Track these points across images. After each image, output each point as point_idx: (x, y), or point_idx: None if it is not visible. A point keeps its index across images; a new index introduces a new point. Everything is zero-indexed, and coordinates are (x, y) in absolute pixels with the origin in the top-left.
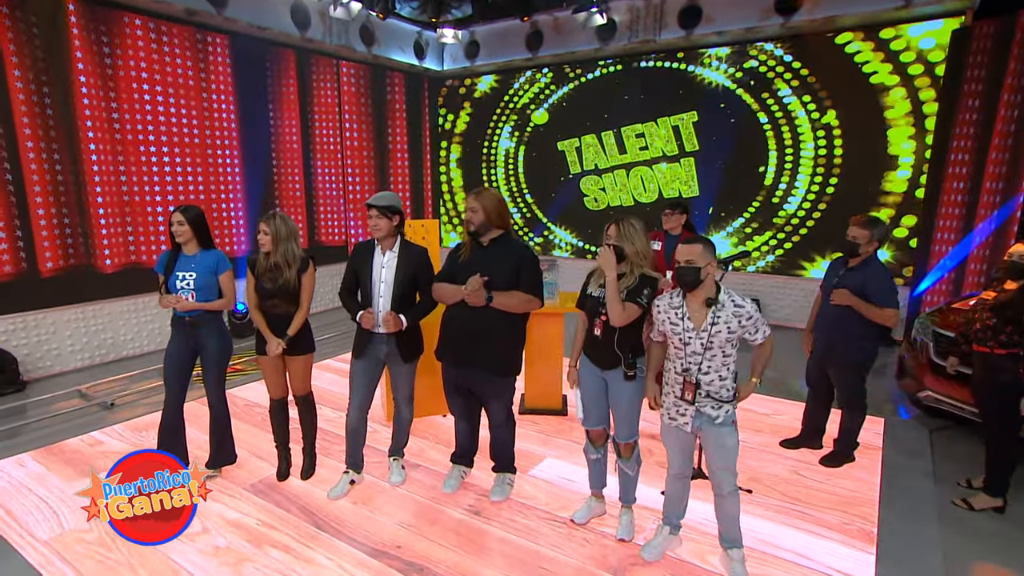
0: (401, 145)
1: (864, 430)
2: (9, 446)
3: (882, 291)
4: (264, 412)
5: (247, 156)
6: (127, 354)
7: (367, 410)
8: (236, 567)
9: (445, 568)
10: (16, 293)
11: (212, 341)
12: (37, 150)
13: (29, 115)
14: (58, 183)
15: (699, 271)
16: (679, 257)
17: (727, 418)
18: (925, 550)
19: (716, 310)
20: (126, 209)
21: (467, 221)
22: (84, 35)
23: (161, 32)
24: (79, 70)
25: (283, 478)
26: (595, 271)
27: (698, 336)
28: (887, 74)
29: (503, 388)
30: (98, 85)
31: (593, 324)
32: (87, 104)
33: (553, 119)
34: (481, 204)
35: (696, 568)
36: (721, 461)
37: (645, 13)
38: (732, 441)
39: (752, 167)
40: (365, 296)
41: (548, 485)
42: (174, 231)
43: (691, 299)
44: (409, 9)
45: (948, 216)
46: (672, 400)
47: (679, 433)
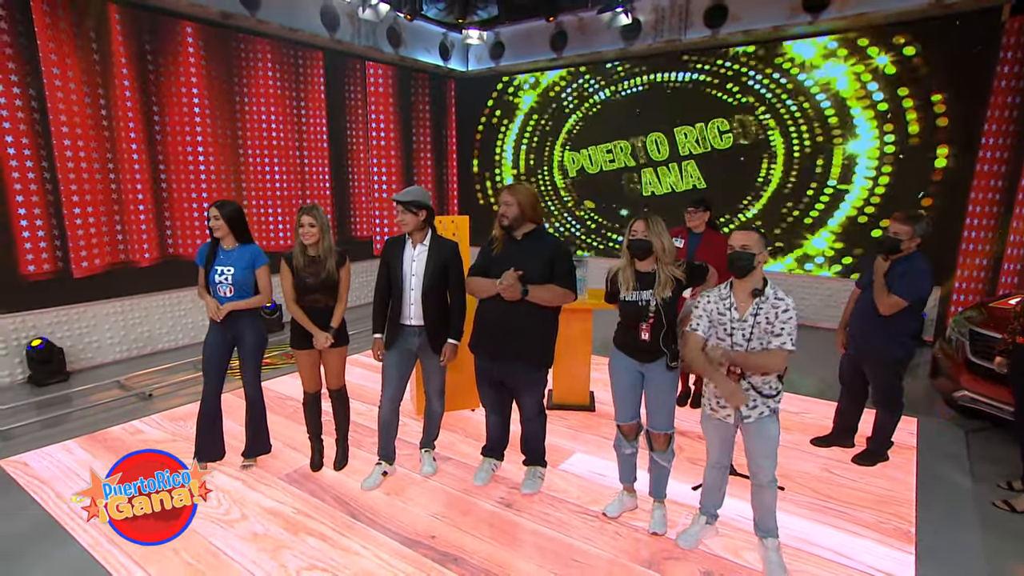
0: (425, 143)
1: (898, 429)
2: (56, 433)
3: (908, 282)
4: (296, 404)
5: (280, 154)
6: (162, 347)
7: (399, 402)
8: (274, 553)
9: (479, 559)
10: (58, 288)
11: (248, 334)
12: (75, 148)
13: (67, 113)
14: (96, 181)
15: (753, 257)
16: (734, 242)
17: (770, 412)
18: (967, 551)
19: (760, 301)
20: (163, 205)
21: (501, 215)
22: (126, 39)
23: (198, 35)
24: (123, 74)
25: (316, 468)
26: (619, 270)
27: (741, 326)
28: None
29: (536, 381)
30: (138, 87)
31: (639, 328)
32: (128, 106)
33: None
34: (515, 198)
35: (730, 563)
36: (762, 451)
37: (670, 12)
38: (773, 432)
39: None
40: (396, 288)
41: (578, 479)
42: (211, 226)
43: (738, 290)
44: (436, 10)
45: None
46: (713, 389)
47: (721, 425)
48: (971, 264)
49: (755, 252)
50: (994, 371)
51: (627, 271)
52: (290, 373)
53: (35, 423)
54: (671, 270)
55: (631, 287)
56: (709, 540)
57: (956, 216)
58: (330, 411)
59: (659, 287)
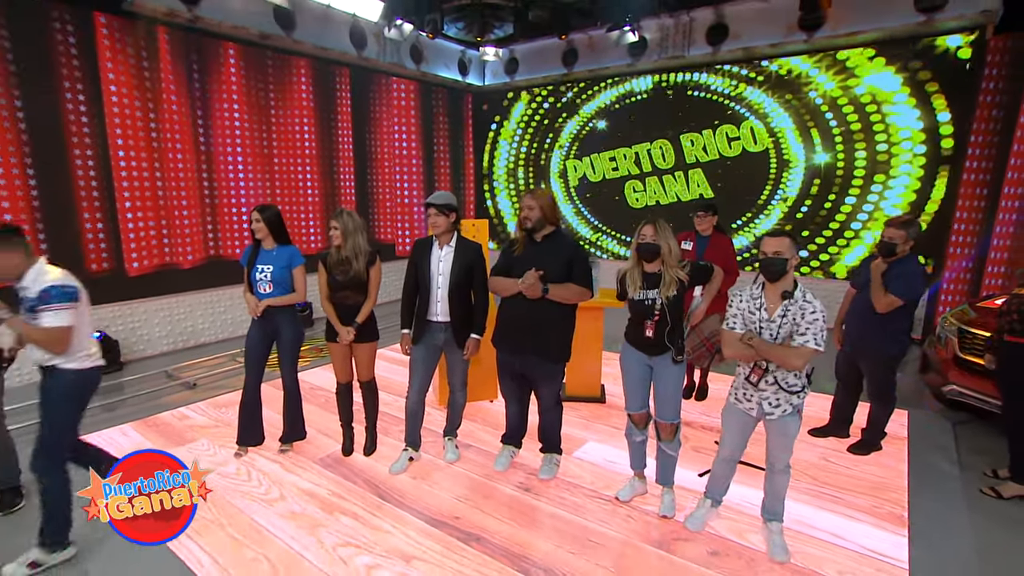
0: (444, 153)
1: (890, 421)
2: (112, 417)
3: (903, 283)
4: (327, 394)
5: (312, 162)
6: (205, 340)
7: (425, 393)
8: (312, 530)
9: (500, 538)
10: (114, 285)
11: (286, 329)
12: (128, 158)
13: (121, 127)
14: (145, 188)
15: (786, 263)
16: (767, 249)
17: (793, 410)
18: (956, 534)
19: (789, 303)
20: (207, 210)
21: (524, 218)
22: (174, 59)
23: (240, 55)
24: (170, 90)
25: (348, 453)
26: (628, 271)
27: (769, 326)
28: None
29: (555, 374)
30: (186, 101)
31: (644, 325)
32: (176, 120)
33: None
34: (538, 203)
35: (735, 544)
36: (781, 445)
37: (674, 31)
38: (794, 429)
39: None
40: (424, 287)
41: (592, 466)
42: (253, 228)
43: (769, 291)
44: (455, 29)
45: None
46: (740, 381)
47: (743, 417)
48: (957, 267)
49: (787, 257)
50: (981, 367)
51: (634, 272)
52: (320, 366)
53: (95, 407)
54: (676, 272)
55: (638, 287)
56: (714, 523)
57: (943, 223)
58: (360, 401)
59: (664, 287)
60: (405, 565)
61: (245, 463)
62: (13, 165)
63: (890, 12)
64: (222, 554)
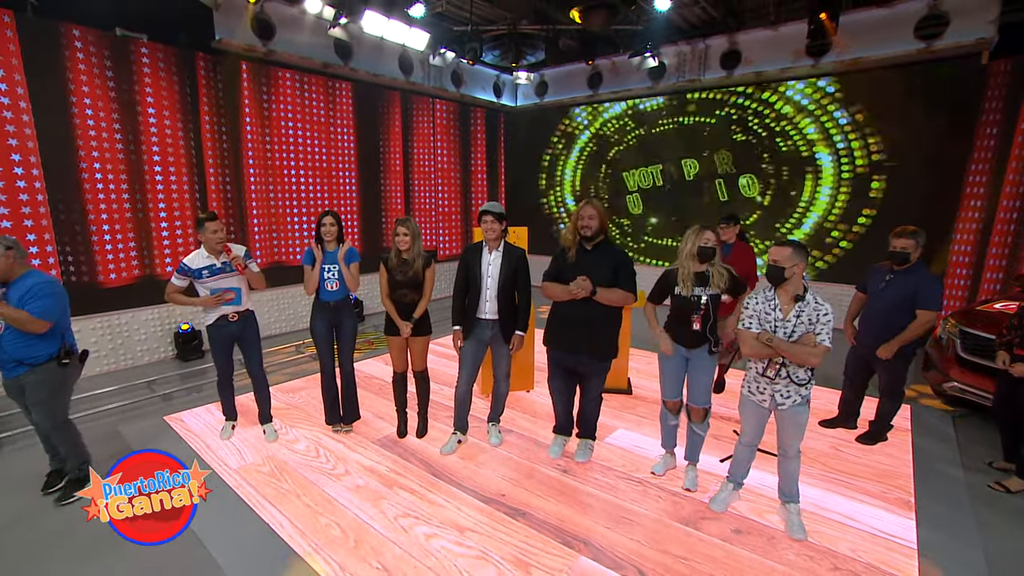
0: (481, 167)
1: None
2: (200, 398)
3: (931, 296)
4: (379, 383)
5: (362, 176)
6: (270, 333)
7: (473, 383)
8: (375, 502)
9: (543, 514)
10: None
11: (347, 321)
12: (216, 174)
13: (212, 149)
14: (227, 200)
15: (783, 270)
16: (769, 257)
17: (802, 400)
18: (960, 517)
19: (801, 305)
20: (273, 219)
21: (585, 226)
22: (251, 87)
23: (303, 81)
24: (246, 113)
25: (402, 436)
26: (675, 271)
27: (784, 325)
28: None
29: (603, 370)
30: (259, 124)
31: (691, 320)
32: (249, 140)
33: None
34: (598, 212)
35: (756, 523)
36: (792, 432)
37: (691, 57)
38: (804, 419)
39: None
40: (474, 288)
41: (622, 451)
42: (326, 231)
43: (781, 294)
44: (492, 56)
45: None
46: (754, 375)
47: (758, 408)
48: (956, 274)
49: (784, 266)
50: (981, 365)
51: (690, 273)
52: (372, 357)
53: (184, 389)
54: (721, 267)
55: (691, 285)
56: (736, 503)
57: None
58: (413, 390)
59: (713, 282)
60: (459, 535)
61: (312, 442)
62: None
63: (892, 39)
64: (299, 519)
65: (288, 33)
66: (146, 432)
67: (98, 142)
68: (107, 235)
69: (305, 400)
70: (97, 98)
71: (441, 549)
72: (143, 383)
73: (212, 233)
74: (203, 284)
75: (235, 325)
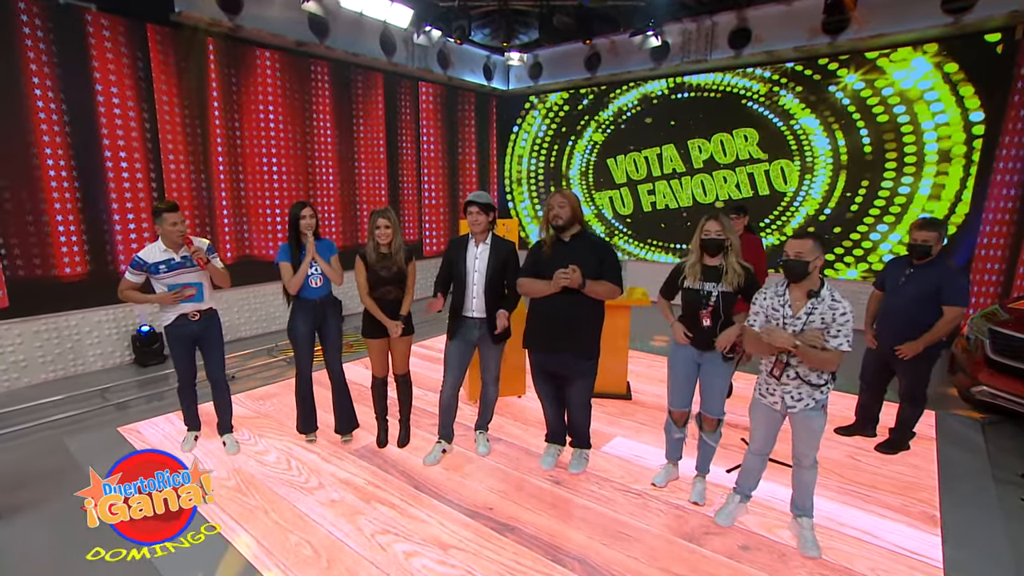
0: (470, 155)
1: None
2: (160, 406)
3: (957, 291)
4: (357, 388)
5: (339, 164)
6: (240, 335)
7: (459, 388)
8: (351, 518)
9: (534, 529)
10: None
11: (332, 320)
12: (177, 161)
13: (172, 133)
14: (193, 189)
15: (807, 264)
16: (789, 250)
17: (816, 404)
18: (991, 535)
19: (815, 302)
20: (243, 210)
21: (555, 216)
22: (217, 67)
23: (275, 60)
24: (213, 96)
25: (382, 445)
26: (685, 263)
27: (793, 323)
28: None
29: (587, 370)
30: (227, 108)
31: (699, 315)
32: (217, 124)
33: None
34: (568, 200)
35: (765, 539)
36: (806, 440)
37: (697, 35)
38: (817, 425)
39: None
40: (459, 283)
41: (620, 460)
42: (306, 224)
43: (794, 289)
44: (482, 35)
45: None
46: (764, 376)
47: (769, 412)
48: (985, 268)
49: (808, 259)
50: (1013, 367)
51: (696, 265)
52: (349, 362)
53: (142, 397)
54: (736, 262)
55: (698, 278)
56: (744, 518)
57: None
58: (394, 395)
59: (725, 278)
60: (442, 553)
61: (283, 452)
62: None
63: (916, 13)
64: (266, 538)
65: (257, 7)
66: (96, 445)
67: (48, 124)
68: (60, 226)
69: (277, 407)
70: (45, 76)
71: (422, 568)
72: (95, 391)
73: (171, 225)
74: (160, 280)
75: (196, 324)
